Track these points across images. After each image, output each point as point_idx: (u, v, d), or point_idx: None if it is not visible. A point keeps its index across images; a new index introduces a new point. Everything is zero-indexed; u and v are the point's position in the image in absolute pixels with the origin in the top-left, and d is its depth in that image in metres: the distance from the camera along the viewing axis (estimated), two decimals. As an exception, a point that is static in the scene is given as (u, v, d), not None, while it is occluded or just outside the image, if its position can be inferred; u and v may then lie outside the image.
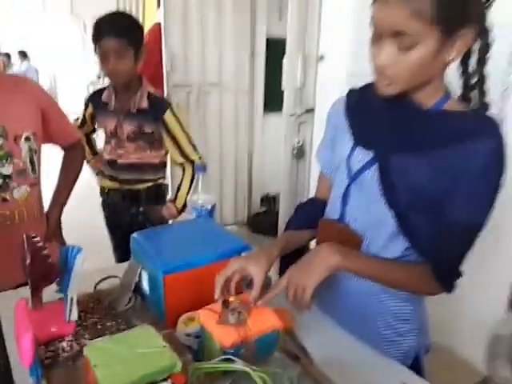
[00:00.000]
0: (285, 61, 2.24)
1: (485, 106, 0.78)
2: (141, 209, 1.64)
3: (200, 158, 1.63)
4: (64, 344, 0.86)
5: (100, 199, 1.75)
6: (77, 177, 1.42)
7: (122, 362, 0.63)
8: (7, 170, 1.15)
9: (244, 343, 0.73)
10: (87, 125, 1.72)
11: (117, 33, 1.46)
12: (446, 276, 0.81)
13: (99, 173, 1.72)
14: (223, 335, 0.73)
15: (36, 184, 1.25)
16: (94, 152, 1.77)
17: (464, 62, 0.78)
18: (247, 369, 0.61)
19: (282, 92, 2.37)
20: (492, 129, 0.73)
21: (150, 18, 3.96)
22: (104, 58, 1.49)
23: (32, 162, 1.22)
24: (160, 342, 0.68)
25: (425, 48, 0.69)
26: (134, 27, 1.54)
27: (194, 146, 1.63)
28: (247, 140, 3.32)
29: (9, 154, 1.15)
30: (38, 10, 8.02)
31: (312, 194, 1.09)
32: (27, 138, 1.19)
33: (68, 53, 7.40)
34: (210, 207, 1.20)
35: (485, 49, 0.75)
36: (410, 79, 0.73)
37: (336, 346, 0.92)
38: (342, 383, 0.79)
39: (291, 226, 1.03)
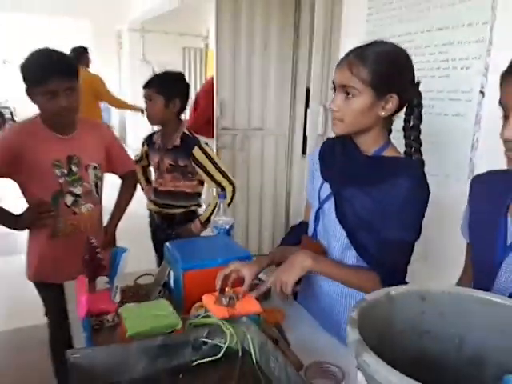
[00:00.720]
0: (308, 110, 2.54)
1: (418, 152, 1.06)
2: (174, 233, 1.97)
3: (231, 182, 1.94)
4: (108, 317, 1.18)
5: (148, 219, 2.13)
6: (130, 199, 1.79)
7: (142, 318, 0.94)
8: (78, 190, 1.54)
9: (231, 318, 1.01)
10: (143, 160, 2.11)
11: (151, 84, 1.88)
12: (390, 281, 1.06)
13: (149, 198, 2.09)
14: (216, 311, 1.02)
15: (98, 203, 1.63)
16: (148, 182, 2.16)
17: (405, 120, 1.07)
18: (220, 322, 0.89)
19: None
20: (412, 169, 1.02)
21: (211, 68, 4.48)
22: (145, 103, 1.91)
23: (96, 186, 1.60)
24: (170, 309, 0.98)
25: (362, 100, 1.01)
26: (167, 81, 1.92)
27: (223, 174, 1.93)
28: (286, 179, 3.62)
29: (80, 178, 1.54)
30: (115, 56, 9.04)
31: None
32: (94, 168, 1.58)
33: (138, 95, 8.18)
34: (227, 227, 1.50)
35: (417, 118, 1.04)
36: (352, 121, 1.04)
37: (311, 336, 1.17)
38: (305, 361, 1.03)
39: (284, 243, 1.32)
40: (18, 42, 11.63)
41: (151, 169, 2.20)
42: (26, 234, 1.61)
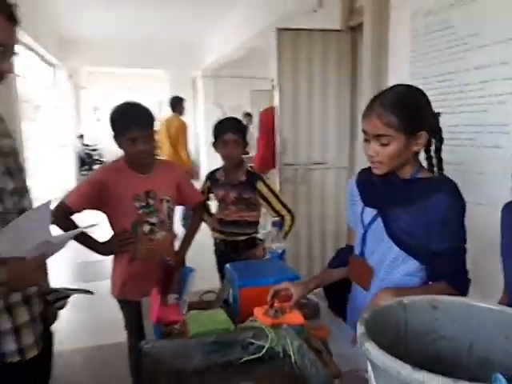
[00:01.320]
0: (362, 144, 2.68)
1: (441, 173, 1.23)
2: (239, 258, 2.16)
3: (290, 212, 2.14)
4: (176, 326, 1.38)
5: (213, 247, 2.36)
6: (197, 228, 2.03)
7: (202, 322, 1.14)
8: (154, 220, 1.80)
9: (275, 325, 1.17)
10: (205, 194, 2.37)
11: (236, 130, 2.13)
12: (459, 284, 1.17)
13: (213, 228, 2.33)
14: (263, 319, 1.19)
15: (170, 231, 1.88)
16: (210, 213, 2.40)
17: (427, 150, 1.21)
18: (263, 326, 1.06)
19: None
20: (446, 185, 1.17)
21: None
22: (224, 146, 2.14)
23: (169, 216, 1.86)
24: (225, 316, 1.17)
25: (396, 145, 1.14)
26: (244, 127, 2.20)
27: (283, 205, 2.14)
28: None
29: (156, 210, 1.80)
30: (190, 101, 9.81)
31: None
32: (167, 200, 1.84)
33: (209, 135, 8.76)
34: (280, 251, 1.68)
35: (439, 142, 1.18)
36: (390, 164, 1.18)
37: (350, 349, 1.28)
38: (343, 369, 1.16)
39: (330, 266, 1.46)
40: (107, 92, 13.00)
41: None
42: (110, 261, 1.90)
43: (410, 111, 1.14)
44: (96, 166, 11.26)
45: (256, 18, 5.49)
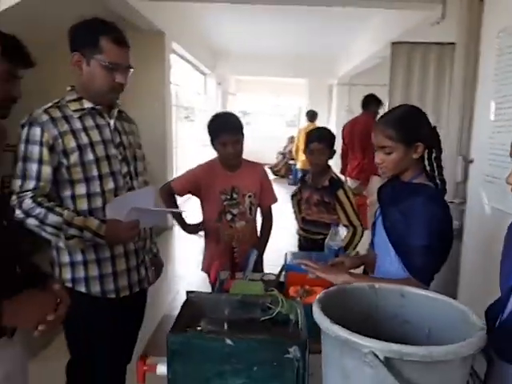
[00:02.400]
0: (447, 160, 2.70)
1: (442, 181, 1.42)
2: None
3: (362, 225, 2.31)
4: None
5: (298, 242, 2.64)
6: (269, 229, 2.30)
7: (242, 287, 1.45)
8: (236, 211, 2.16)
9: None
10: (298, 194, 2.64)
11: (320, 139, 2.39)
12: (421, 279, 1.32)
13: (299, 225, 2.60)
14: (292, 295, 1.45)
15: (251, 221, 2.22)
16: (300, 212, 2.67)
17: (428, 158, 1.41)
18: (279, 295, 1.32)
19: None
20: (427, 190, 1.36)
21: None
22: (310, 154, 2.42)
23: (250, 209, 2.20)
24: (260, 287, 1.47)
25: (396, 154, 1.36)
26: (330, 136, 2.43)
27: (358, 216, 2.32)
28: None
29: (238, 203, 2.16)
30: (325, 107, 10.14)
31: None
32: (249, 196, 2.19)
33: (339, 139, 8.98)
34: (337, 248, 1.90)
35: (438, 151, 1.36)
36: (393, 169, 1.40)
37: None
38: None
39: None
40: (254, 98, 14.06)
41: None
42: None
43: (406, 126, 1.36)
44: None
45: (387, 30, 5.56)
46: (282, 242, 2.43)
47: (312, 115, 8.05)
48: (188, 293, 1.35)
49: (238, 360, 1.08)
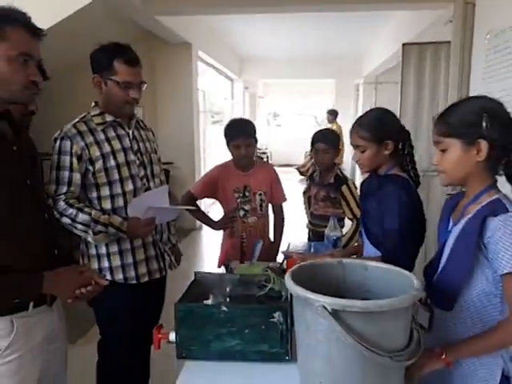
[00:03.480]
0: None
1: (414, 169, 1.59)
2: None
3: None
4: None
5: (307, 235, 2.85)
6: (281, 225, 2.54)
7: (243, 270, 1.69)
8: (248, 207, 2.41)
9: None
10: (308, 192, 2.86)
11: (326, 140, 2.60)
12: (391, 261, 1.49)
13: (308, 219, 2.82)
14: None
15: (262, 217, 2.45)
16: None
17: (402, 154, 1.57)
18: (272, 274, 1.55)
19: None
20: (395, 180, 1.54)
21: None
22: (316, 154, 2.63)
23: (261, 206, 2.44)
24: (259, 269, 1.70)
25: (370, 151, 1.55)
26: (335, 137, 2.64)
27: (361, 210, 2.51)
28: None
29: (250, 200, 2.41)
30: (352, 106, 10.24)
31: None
32: (260, 194, 2.43)
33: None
34: (335, 238, 2.10)
35: (409, 147, 1.56)
36: (369, 165, 1.59)
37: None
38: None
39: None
40: (283, 100, 14.28)
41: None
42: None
43: (376, 127, 1.54)
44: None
45: (404, 30, 5.68)
46: (297, 235, 2.67)
47: (332, 114, 8.29)
48: (196, 273, 1.60)
49: (233, 324, 1.33)
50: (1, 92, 1.20)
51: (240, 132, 2.34)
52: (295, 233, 2.59)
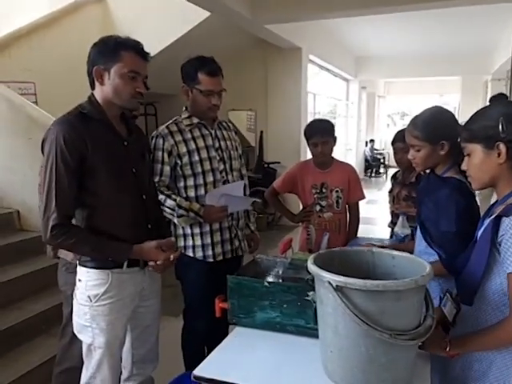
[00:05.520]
0: None
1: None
2: None
3: None
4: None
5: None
6: (356, 221, 2.61)
7: (298, 256, 1.87)
8: (323, 203, 2.55)
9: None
10: (393, 191, 2.88)
11: (403, 140, 2.62)
12: (445, 264, 1.50)
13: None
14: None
15: (338, 213, 2.56)
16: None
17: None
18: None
19: None
20: (451, 183, 1.53)
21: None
22: (395, 154, 2.66)
23: (337, 202, 2.56)
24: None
25: (424, 151, 1.58)
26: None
27: None
28: None
29: (326, 196, 2.55)
30: (481, 104, 9.49)
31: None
32: (336, 191, 2.55)
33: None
34: (403, 235, 2.15)
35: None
36: (423, 164, 1.62)
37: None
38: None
39: None
40: (406, 98, 13.71)
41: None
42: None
43: (430, 127, 1.55)
44: (381, 169, 12.26)
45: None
46: (378, 234, 2.74)
47: None
48: (254, 256, 1.83)
49: (273, 298, 1.52)
50: (115, 100, 1.59)
51: (317, 130, 2.50)
52: (377, 231, 2.66)
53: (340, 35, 7.65)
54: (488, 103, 1.34)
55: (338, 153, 9.16)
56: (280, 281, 1.73)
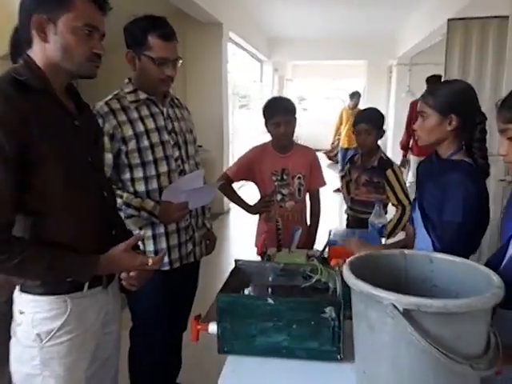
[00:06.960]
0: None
1: (483, 158, 1.40)
2: None
3: (410, 203, 2.33)
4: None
5: (346, 221, 2.70)
6: (318, 210, 2.39)
7: (283, 258, 1.57)
8: (285, 192, 2.27)
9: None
10: (347, 176, 2.70)
11: (367, 120, 2.43)
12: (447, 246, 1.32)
13: (348, 205, 2.67)
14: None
15: (299, 202, 2.32)
16: (349, 193, 2.73)
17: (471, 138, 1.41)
18: (318, 264, 1.43)
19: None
20: (461, 168, 1.36)
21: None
22: (357, 135, 2.47)
23: (299, 190, 2.30)
24: (303, 258, 1.58)
25: (432, 120, 1.41)
26: (378, 117, 2.47)
27: (406, 195, 2.35)
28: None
29: (288, 184, 2.27)
30: (384, 89, 9.89)
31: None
32: (298, 177, 2.29)
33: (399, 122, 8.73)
34: (380, 226, 1.96)
35: (480, 132, 1.35)
36: (427, 136, 1.44)
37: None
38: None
39: None
40: (312, 82, 13.98)
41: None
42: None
43: (443, 96, 1.39)
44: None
45: (445, 6, 5.37)
46: (332, 222, 2.52)
47: (354, 97, 7.61)
48: (236, 261, 1.49)
49: (279, 318, 1.21)
50: (65, 63, 1.15)
51: (279, 108, 2.21)
52: (329, 218, 2.45)
53: (256, 14, 7.37)
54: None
55: (255, 139, 8.97)
56: (270, 291, 1.43)
